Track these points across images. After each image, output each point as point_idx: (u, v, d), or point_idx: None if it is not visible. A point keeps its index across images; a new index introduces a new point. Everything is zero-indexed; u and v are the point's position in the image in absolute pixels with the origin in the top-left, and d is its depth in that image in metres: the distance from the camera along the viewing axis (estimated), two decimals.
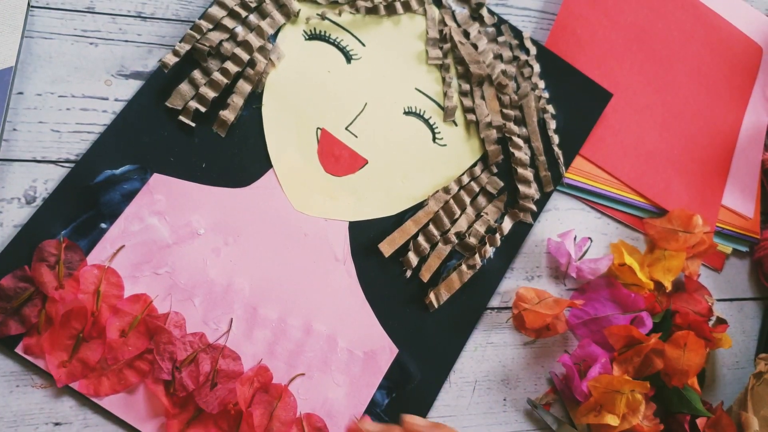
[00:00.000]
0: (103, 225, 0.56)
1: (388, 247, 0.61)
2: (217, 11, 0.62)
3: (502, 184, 0.66)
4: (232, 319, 0.57)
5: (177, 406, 0.53)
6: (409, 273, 0.62)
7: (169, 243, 0.57)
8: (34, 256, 0.53)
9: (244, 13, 0.63)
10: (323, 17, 0.66)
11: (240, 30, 0.62)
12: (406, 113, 0.66)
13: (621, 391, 0.59)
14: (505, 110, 0.68)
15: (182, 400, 0.53)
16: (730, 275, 0.73)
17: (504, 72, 0.69)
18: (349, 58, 0.66)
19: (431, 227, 0.63)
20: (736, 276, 0.74)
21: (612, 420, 0.59)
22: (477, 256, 0.63)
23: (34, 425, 0.52)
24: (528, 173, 0.67)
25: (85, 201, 0.56)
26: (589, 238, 0.69)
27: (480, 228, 0.64)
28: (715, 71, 0.79)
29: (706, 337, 0.64)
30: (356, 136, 0.64)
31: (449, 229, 0.63)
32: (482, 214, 0.65)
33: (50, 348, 0.52)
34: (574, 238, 0.67)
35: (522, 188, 0.66)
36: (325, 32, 0.66)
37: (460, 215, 0.64)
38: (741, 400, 0.65)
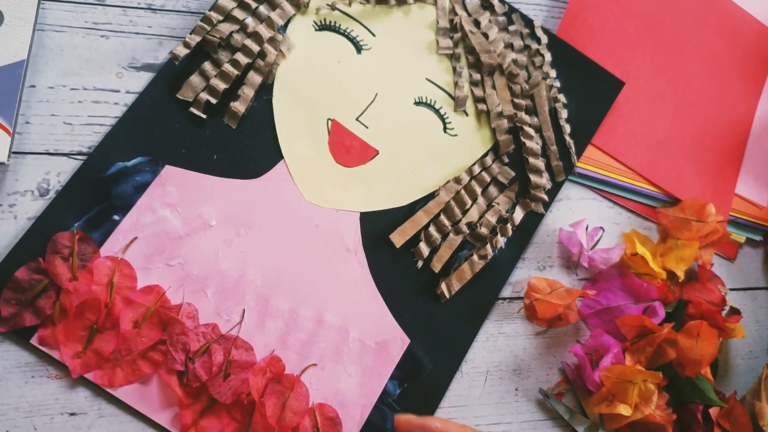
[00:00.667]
0: (116, 217, 0.56)
1: (399, 237, 0.61)
2: (227, 2, 0.62)
3: (513, 174, 0.66)
4: (244, 310, 0.57)
5: (190, 397, 0.54)
6: (420, 263, 0.62)
7: (182, 235, 0.57)
8: (47, 248, 0.54)
9: (254, 4, 0.63)
10: (333, 8, 0.66)
11: (250, 21, 0.62)
12: (417, 103, 0.66)
13: (633, 381, 0.59)
14: (516, 100, 0.68)
15: (195, 390, 0.54)
16: (743, 264, 0.73)
17: (515, 61, 0.69)
18: (359, 48, 0.66)
19: (442, 217, 0.63)
20: (750, 265, 0.73)
21: (624, 410, 0.59)
22: (488, 246, 0.62)
23: (49, 415, 0.52)
24: (539, 163, 0.66)
25: (97, 193, 0.56)
26: (601, 227, 0.68)
27: (491, 218, 0.64)
28: (728, 59, 0.78)
29: (720, 327, 0.63)
30: (367, 127, 0.64)
31: (460, 220, 0.63)
32: (493, 204, 0.65)
33: (65, 339, 0.52)
34: (586, 228, 0.67)
35: (533, 178, 0.66)
36: (335, 23, 0.66)
37: (471, 205, 0.64)
38: (754, 389, 0.64)
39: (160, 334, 0.54)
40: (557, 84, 0.70)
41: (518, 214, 0.65)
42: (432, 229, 0.62)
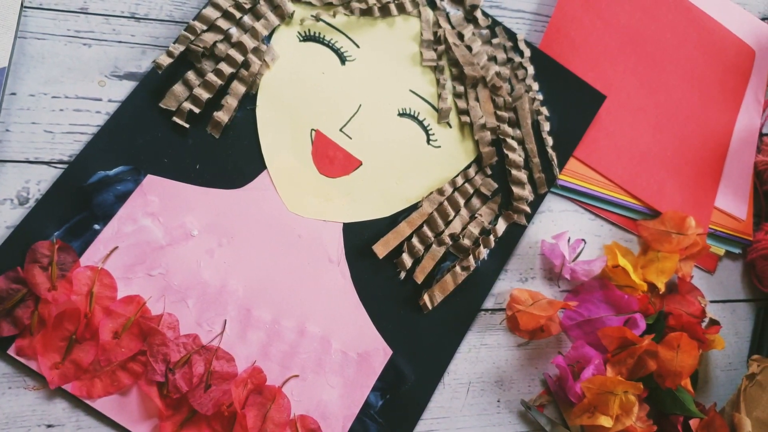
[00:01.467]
0: (97, 226, 0.56)
1: (382, 248, 0.61)
2: (211, 12, 0.62)
3: (496, 185, 0.66)
4: (225, 320, 0.57)
5: (170, 408, 0.53)
6: (403, 274, 0.62)
7: (163, 244, 0.57)
8: (26, 257, 0.53)
9: (238, 15, 0.63)
10: (317, 19, 0.66)
11: (234, 31, 0.62)
12: (401, 115, 0.66)
13: (614, 392, 0.59)
14: (499, 112, 0.68)
15: (175, 401, 0.53)
16: (722, 277, 0.74)
17: (498, 74, 0.70)
18: (343, 59, 0.66)
19: (425, 229, 0.63)
20: (729, 278, 0.74)
21: (605, 421, 0.59)
22: (471, 257, 0.63)
23: (26, 427, 0.52)
24: (522, 175, 0.67)
25: (78, 202, 0.56)
26: (583, 239, 0.69)
27: (474, 229, 0.64)
28: (708, 74, 0.79)
29: (699, 339, 0.64)
30: (350, 138, 0.64)
31: (443, 231, 0.63)
32: (476, 215, 0.65)
33: (43, 349, 0.52)
34: (568, 240, 0.67)
35: (516, 190, 0.66)
36: (319, 34, 0.66)
37: (454, 217, 0.64)
38: (734, 401, 0.65)
39: (140, 344, 0.53)
40: (540, 97, 0.70)
41: (501, 226, 0.65)
42: (415, 241, 0.62)
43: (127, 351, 0.53)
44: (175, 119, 0.60)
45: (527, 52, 0.71)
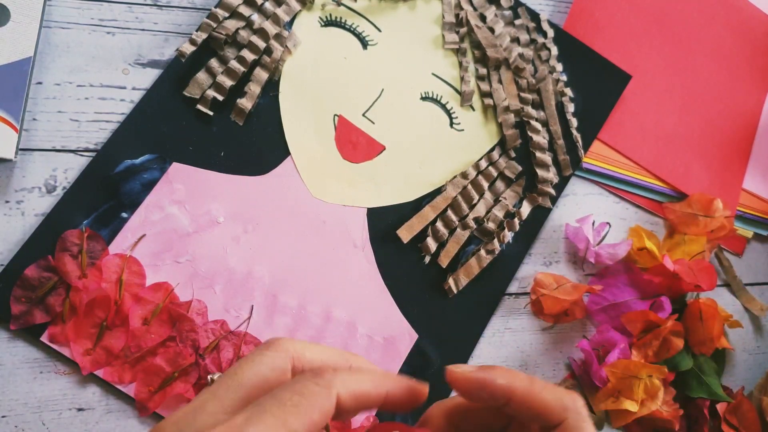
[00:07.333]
0: (124, 214, 0.56)
1: (406, 233, 0.61)
2: None
3: (520, 168, 0.66)
4: (252, 306, 0.57)
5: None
6: (427, 259, 0.62)
7: (189, 231, 0.57)
8: (57, 246, 0.54)
9: (259, 1, 0.63)
10: (339, 3, 0.65)
11: (256, 18, 0.62)
12: (423, 98, 0.66)
13: (638, 377, 0.59)
14: (522, 94, 0.68)
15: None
16: (750, 259, 0.73)
17: (521, 55, 0.69)
18: (365, 44, 0.66)
19: (449, 213, 0.63)
20: (757, 260, 0.73)
21: (630, 406, 0.59)
22: (495, 241, 0.62)
23: (57, 410, 0.53)
24: (546, 157, 0.66)
25: (105, 191, 0.56)
26: (608, 223, 0.68)
27: (498, 213, 0.64)
28: (736, 53, 0.77)
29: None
30: (373, 123, 0.64)
31: (467, 215, 0.63)
32: (500, 198, 0.65)
33: (75, 336, 0.53)
34: (593, 223, 0.67)
35: (540, 172, 0.66)
36: (340, 18, 0.66)
37: (479, 200, 0.64)
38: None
39: (170, 330, 0.54)
40: (564, 78, 0.69)
41: (525, 209, 0.65)
42: (439, 225, 0.62)
43: (157, 337, 0.54)
44: (199, 107, 0.60)
45: (550, 33, 0.70)
